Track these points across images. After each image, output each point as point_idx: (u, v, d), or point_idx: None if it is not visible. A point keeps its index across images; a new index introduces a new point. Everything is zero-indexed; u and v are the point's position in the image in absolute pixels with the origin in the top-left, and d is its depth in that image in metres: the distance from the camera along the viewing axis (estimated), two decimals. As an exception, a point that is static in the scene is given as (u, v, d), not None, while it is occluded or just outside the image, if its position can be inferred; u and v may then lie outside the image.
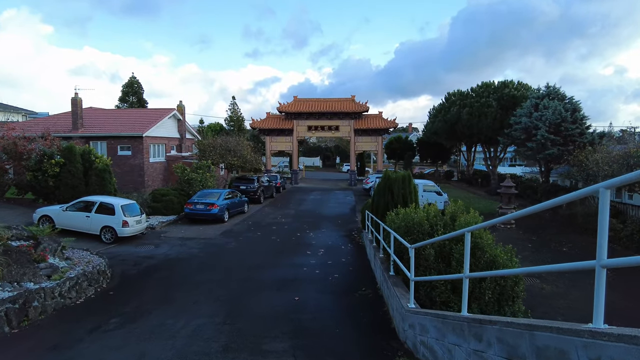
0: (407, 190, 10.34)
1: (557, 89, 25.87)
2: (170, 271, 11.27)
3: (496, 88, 31.87)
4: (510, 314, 6.56)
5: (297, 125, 39.71)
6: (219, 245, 14.73)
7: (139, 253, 13.51)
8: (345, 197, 30.81)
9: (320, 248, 14.40)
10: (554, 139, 23.28)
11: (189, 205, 19.25)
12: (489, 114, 30.30)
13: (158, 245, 14.86)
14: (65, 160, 18.59)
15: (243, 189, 25.61)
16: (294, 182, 40.76)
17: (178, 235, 16.65)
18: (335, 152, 75.22)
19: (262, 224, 19.46)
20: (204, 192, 20.48)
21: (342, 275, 10.66)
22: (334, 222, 20.28)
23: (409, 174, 10.62)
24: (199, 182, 22.17)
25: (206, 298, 8.56)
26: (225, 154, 27.91)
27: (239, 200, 21.54)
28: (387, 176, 10.59)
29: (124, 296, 8.96)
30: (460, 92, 33.93)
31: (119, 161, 27.34)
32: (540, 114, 24.28)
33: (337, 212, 23.53)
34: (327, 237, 16.51)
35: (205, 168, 23.17)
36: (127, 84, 51.59)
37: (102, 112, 32.74)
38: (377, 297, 8.53)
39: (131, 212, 15.47)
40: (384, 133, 39.81)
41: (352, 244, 15.39)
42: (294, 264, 11.94)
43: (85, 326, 6.99)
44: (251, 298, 8.59)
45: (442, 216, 7.64)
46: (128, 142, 27.50)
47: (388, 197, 10.42)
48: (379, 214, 10.82)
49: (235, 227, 18.38)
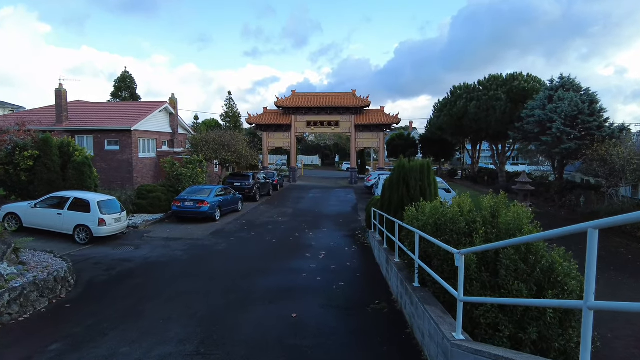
0: (425, 182, 8.70)
1: (572, 79, 24.29)
2: (146, 278, 9.60)
3: (505, 81, 30.28)
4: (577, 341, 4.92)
5: (295, 120, 38.04)
6: (206, 247, 13.07)
7: (115, 256, 11.84)
8: (346, 195, 29.17)
9: (321, 250, 12.76)
10: (570, 132, 21.68)
11: (176, 203, 17.58)
12: (498, 107, 28.69)
13: (139, 246, 13.19)
14: (40, 153, 16.88)
15: (237, 186, 23.96)
16: (292, 180, 39.09)
17: (163, 235, 14.99)
18: (335, 151, 73.57)
19: (257, 223, 17.80)
20: (194, 188, 18.81)
21: (349, 283, 9.00)
22: (335, 221, 18.63)
23: (428, 163, 8.96)
24: (188, 178, 20.50)
25: (180, 314, 6.89)
26: (218, 149, 26.24)
27: (233, 198, 19.88)
28: (402, 165, 8.93)
29: (82, 310, 7.29)
30: (466, 86, 32.34)
31: (106, 156, 25.69)
32: (555, 105, 22.68)
33: (338, 211, 21.88)
34: (329, 238, 14.87)
35: (196, 163, 21.49)
36: (119, 78, 49.85)
37: (89, 105, 31.02)
38: (394, 313, 6.88)
39: (109, 209, 13.80)
40: (386, 129, 38.19)
41: (357, 245, 13.74)
42: (292, 269, 10.28)
43: (8, 358, 5.31)
44: (237, 315, 6.92)
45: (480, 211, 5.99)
46: (116, 137, 25.79)
47: (403, 190, 8.77)
48: (391, 210, 9.17)
49: (227, 227, 16.71)
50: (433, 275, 5.06)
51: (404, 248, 6.88)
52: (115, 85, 49.34)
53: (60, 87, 26.07)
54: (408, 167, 8.89)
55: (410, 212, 6.97)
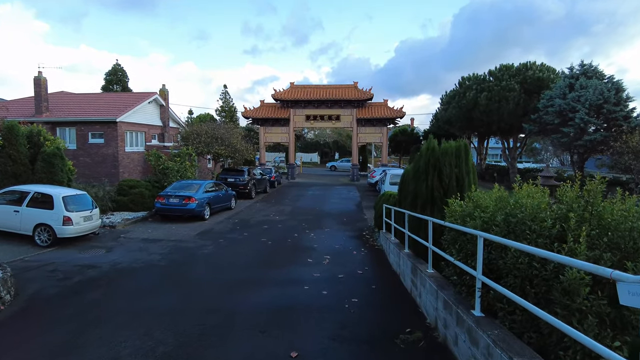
0: (463, 169, 6.75)
1: (594, 66, 22.37)
2: (107, 290, 7.63)
3: (517, 70, 28.31)
4: None
5: (294, 114, 36.03)
6: (190, 251, 11.09)
7: (79, 261, 9.86)
8: (348, 193, 27.20)
9: (325, 254, 10.79)
10: (595, 123, 19.76)
11: (160, 199, 15.59)
12: (511, 98, 26.74)
13: (111, 249, 11.21)
14: (5, 142, 14.85)
15: (231, 181, 21.96)
16: (291, 177, 37.10)
17: (142, 236, 13.02)
18: (334, 148, 71.51)
19: (251, 222, 15.82)
20: (181, 183, 16.84)
21: (364, 299, 7.04)
22: (338, 220, 16.67)
23: (466, 144, 6.99)
24: (176, 172, 18.51)
25: (135, 350, 4.91)
26: (211, 142, 24.23)
27: (225, 194, 17.90)
28: (431, 148, 6.96)
29: (2, 340, 5.32)
30: (476, 76, 30.36)
31: (90, 150, 23.69)
32: (578, 94, 20.76)
33: (341, 209, 19.92)
34: (333, 239, 12.92)
35: (185, 156, 19.49)
36: (110, 71, 47.68)
37: (73, 96, 28.97)
38: (436, 349, 4.90)
39: (78, 206, 11.82)
40: (390, 123, 36.22)
41: (366, 247, 11.79)
42: (290, 280, 8.32)
43: None
44: (214, 352, 4.95)
45: (566, 204, 4.04)
46: (100, 129, 23.77)
47: (433, 180, 6.81)
48: (417, 206, 7.20)
49: (217, 226, 14.73)
50: (532, 309, 3.09)
51: (448, 258, 4.90)
52: (106, 79, 47.17)
53: (40, 75, 24.06)
54: (440, 151, 6.92)
55: (455, 207, 5.01)
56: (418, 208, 7.10)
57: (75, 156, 23.73)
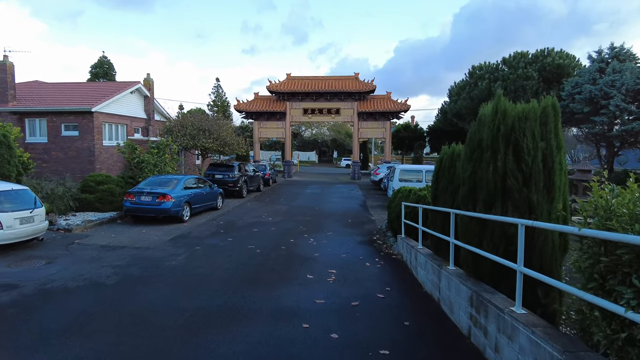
0: (552, 145, 4.28)
1: (626, 48, 19.98)
2: (7, 326, 5.07)
3: (535, 57, 25.92)
4: None
5: (290, 107, 33.49)
6: (154, 262, 8.54)
7: (1, 277, 7.30)
8: (350, 191, 24.68)
9: (329, 266, 8.27)
10: (634, 112, 17.34)
11: (130, 197, 13.03)
12: (529, 87, 24.35)
13: (54, 260, 8.66)
14: (-61, 129, 12.27)
15: (219, 178, 19.42)
16: (287, 175, 34.54)
17: (102, 242, 10.46)
18: (333, 146, 69.08)
19: (238, 224, 13.27)
20: (157, 178, 14.28)
21: (398, 350, 4.51)
22: (342, 221, 14.16)
23: (555, 104, 4.47)
24: (153, 166, 15.93)
25: None
26: (197, 134, 21.67)
27: (209, 192, 15.34)
28: (502, 111, 4.46)
29: None
30: (488, 65, 27.94)
31: (63, 144, 21.12)
32: (611, 79, 18.34)
33: (344, 208, 17.41)
34: (338, 245, 10.40)
35: (164, 148, 16.91)
36: (96, 64, 44.98)
37: (47, 85, 26.31)
38: None
39: (14, 205, 9.27)
40: (393, 117, 33.70)
41: (381, 257, 9.27)
42: (282, 310, 5.76)
43: None
44: None
45: None
46: (74, 120, 21.19)
47: (505, 161, 4.33)
48: (476, 202, 4.68)
49: (197, 230, 12.19)
50: None
51: (606, 305, 2.37)
52: (91, 72, 44.43)
53: (5, 59, 21.42)
54: (515, 114, 4.41)
55: (629, 199, 2.49)
56: (479, 204, 4.58)
57: (47, 150, 21.16)
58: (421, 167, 17.94)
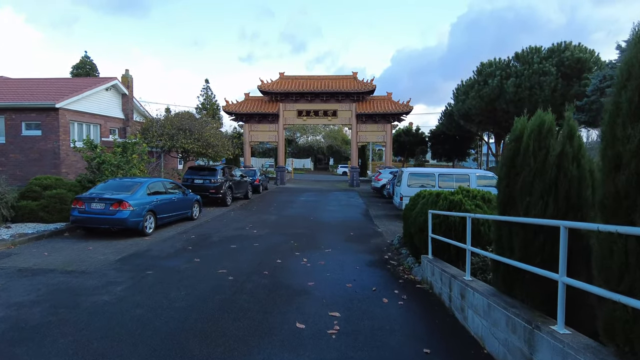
0: None
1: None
2: None
3: (550, 51, 23.69)
4: None
5: (283, 109, 31.02)
6: (77, 298, 5.87)
7: None
8: (349, 199, 22.09)
9: (329, 306, 5.65)
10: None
11: (78, 204, 10.35)
12: (546, 84, 22.05)
13: None
14: None
15: (199, 183, 16.80)
16: (280, 182, 31.91)
17: (24, 263, 7.78)
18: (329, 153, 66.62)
19: (213, 239, 10.61)
20: (115, 181, 11.63)
21: None
22: (343, 235, 11.54)
23: None
24: (115, 167, 13.28)
25: None
26: (176, 134, 19.07)
27: (182, 199, 12.70)
28: None
29: None
30: (499, 61, 25.67)
31: (23, 145, 18.56)
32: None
33: (343, 218, 14.80)
34: (339, 269, 7.78)
35: (132, 147, 14.27)
36: (77, 64, 42.42)
37: (10, 80, 23.70)
38: None
39: None
40: (394, 120, 31.28)
41: (401, 286, 6.67)
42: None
43: None
44: None
45: None
46: (37, 117, 18.63)
47: None
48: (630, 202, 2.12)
49: (159, 246, 9.51)
50: None
51: None
52: (72, 72, 41.80)
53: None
54: None
55: None
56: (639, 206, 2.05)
57: (4, 152, 18.47)
58: (433, 170, 15.44)
